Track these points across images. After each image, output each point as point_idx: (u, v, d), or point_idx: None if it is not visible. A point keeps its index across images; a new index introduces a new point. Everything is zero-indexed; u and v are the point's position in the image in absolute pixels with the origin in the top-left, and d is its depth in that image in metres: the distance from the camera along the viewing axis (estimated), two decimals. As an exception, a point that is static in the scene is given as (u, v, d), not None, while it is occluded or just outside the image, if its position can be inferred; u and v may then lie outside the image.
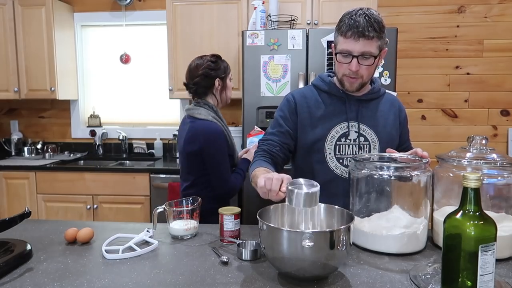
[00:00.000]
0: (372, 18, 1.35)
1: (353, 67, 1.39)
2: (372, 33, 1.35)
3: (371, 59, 1.39)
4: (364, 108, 1.53)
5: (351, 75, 1.43)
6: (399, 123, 1.60)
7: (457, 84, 3.29)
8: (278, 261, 1.03)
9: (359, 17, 1.35)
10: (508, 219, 1.22)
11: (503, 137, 3.31)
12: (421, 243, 1.26)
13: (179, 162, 2.02)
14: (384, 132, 1.54)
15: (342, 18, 1.40)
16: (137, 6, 3.52)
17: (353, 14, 1.37)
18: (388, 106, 1.58)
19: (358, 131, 1.51)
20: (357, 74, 1.42)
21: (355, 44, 1.36)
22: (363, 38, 1.35)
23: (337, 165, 1.51)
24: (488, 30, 3.22)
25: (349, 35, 1.36)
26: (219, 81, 1.92)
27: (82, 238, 1.34)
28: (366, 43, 1.36)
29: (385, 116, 1.56)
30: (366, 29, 1.34)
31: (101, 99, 3.73)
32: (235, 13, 3.00)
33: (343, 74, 1.44)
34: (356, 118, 1.51)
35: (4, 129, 3.77)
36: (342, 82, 1.47)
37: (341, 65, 1.43)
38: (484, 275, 0.86)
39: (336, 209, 1.19)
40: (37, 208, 3.06)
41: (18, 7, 3.22)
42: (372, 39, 1.36)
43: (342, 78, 1.46)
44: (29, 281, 1.07)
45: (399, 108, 1.62)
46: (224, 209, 1.38)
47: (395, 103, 1.62)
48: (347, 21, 1.37)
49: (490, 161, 1.22)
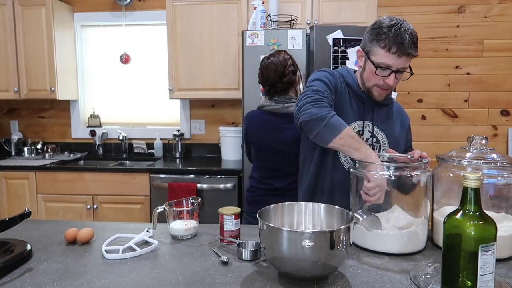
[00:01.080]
0: (414, 35, 1.34)
1: (391, 82, 1.39)
2: (414, 53, 1.35)
3: (404, 74, 1.40)
4: (379, 111, 1.54)
5: (383, 87, 1.42)
6: (404, 131, 1.64)
7: (457, 84, 3.29)
8: (278, 261, 1.03)
9: (404, 33, 1.32)
10: (508, 219, 1.22)
11: (503, 137, 3.31)
12: (421, 243, 1.26)
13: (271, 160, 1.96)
14: (392, 137, 1.56)
15: (382, 29, 1.34)
16: (137, 6, 3.52)
17: (396, 28, 1.32)
18: (396, 113, 1.62)
19: (372, 132, 1.52)
20: (389, 87, 1.42)
21: (397, 60, 1.35)
22: (406, 56, 1.34)
23: (347, 160, 1.51)
24: (488, 30, 3.22)
25: (394, 51, 1.33)
26: (298, 75, 1.97)
27: (82, 238, 1.34)
28: (407, 60, 1.36)
29: (394, 122, 1.59)
30: (411, 48, 1.33)
31: (101, 99, 3.72)
32: (235, 13, 3.00)
33: (375, 84, 1.43)
34: (371, 119, 1.52)
35: (4, 129, 3.76)
36: (371, 91, 1.46)
37: (375, 76, 1.40)
38: (484, 275, 0.86)
39: (336, 209, 1.19)
40: (37, 208, 3.06)
41: (18, 7, 3.22)
42: (413, 57, 1.36)
43: (373, 87, 1.45)
44: (29, 281, 1.07)
45: (404, 116, 1.67)
46: (224, 209, 1.37)
47: (401, 111, 1.66)
48: (392, 36, 1.32)
49: (490, 161, 1.22)
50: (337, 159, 1.52)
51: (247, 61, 2.61)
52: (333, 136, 1.31)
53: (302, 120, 1.35)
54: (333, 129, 1.31)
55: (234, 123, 3.50)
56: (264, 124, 1.95)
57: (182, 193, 2.72)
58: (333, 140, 1.31)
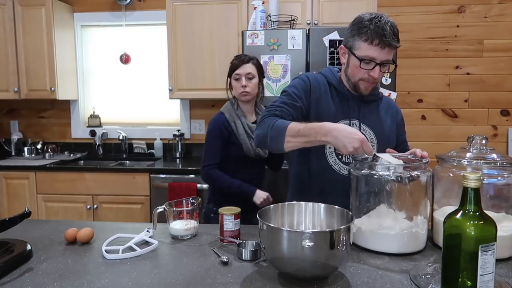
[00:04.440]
0: (395, 27, 1.37)
1: (376, 74, 1.40)
2: (397, 43, 1.37)
3: (387, 66, 1.41)
4: (365, 108, 1.54)
5: (369, 81, 1.43)
6: (396, 126, 1.62)
7: (457, 84, 3.29)
8: (278, 261, 1.03)
9: (385, 25, 1.34)
10: (508, 219, 1.22)
11: (503, 137, 3.31)
12: (421, 243, 1.26)
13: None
14: (382, 134, 1.55)
15: (363, 23, 1.37)
16: (137, 6, 3.52)
17: (376, 21, 1.35)
18: (385, 109, 1.60)
19: (359, 129, 1.51)
20: (375, 80, 1.43)
21: (380, 52, 1.36)
22: (388, 47, 1.36)
23: (335, 160, 1.52)
24: (488, 30, 3.22)
25: (376, 43, 1.35)
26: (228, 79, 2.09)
27: (82, 238, 1.34)
28: (390, 52, 1.38)
29: (383, 118, 1.58)
30: (393, 39, 1.35)
31: (101, 99, 3.72)
32: (235, 13, 3.00)
33: (361, 78, 1.44)
34: (357, 117, 1.52)
35: (4, 129, 3.76)
36: (357, 85, 1.47)
37: (360, 70, 1.42)
38: (484, 275, 0.86)
39: (336, 209, 1.19)
40: (37, 208, 3.06)
41: (18, 7, 3.22)
42: (395, 49, 1.39)
43: (358, 82, 1.46)
44: (29, 281, 1.07)
45: (395, 110, 1.65)
46: (224, 209, 1.37)
47: (392, 105, 1.65)
48: (374, 28, 1.34)
49: (490, 161, 1.22)
50: (324, 160, 1.51)
51: (247, 61, 2.60)
52: (281, 139, 1.34)
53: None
54: (278, 133, 1.35)
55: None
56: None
57: (182, 193, 2.72)
58: (285, 142, 1.34)
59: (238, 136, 2.01)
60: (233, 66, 2.05)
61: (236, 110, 2.06)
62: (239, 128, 2.02)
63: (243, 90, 2.00)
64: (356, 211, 1.30)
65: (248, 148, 2.01)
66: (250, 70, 2.01)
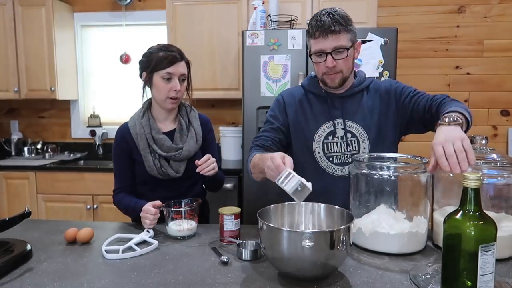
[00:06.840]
0: (336, 14, 1.41)
1: (329, 64, 1.43)
2: (338, 27, 1.39)
3: (344, 52, 1.42)
4: (348, 104, 1.54)
5: (330, 72, 1.46)
6: (395, 106, 1.52)
7: (457, 84, 3.29)
8: (278, 261, 1.03)
9: (323, 16, 1.41)
10: (508, 219, 1.22)
11: (503, 137, 3.31)
12: (421, 243, 1.26)
13: None
14: (372, 125, 1.51)
15: (309, 22, 1.46)
16: (137, 6, 3.52)
17: (317, 15, 1.43)
18: (373, 94, 1.54)
19: (344, 128, 1.52)
20: (335, 69, 1.45)
21: (324, 42, 1.41)
22: (331, 34, 1.40)
23: (328, 164, 1.53)
24: (488, 30, 3.22)
25: (318, 34, 1.41)
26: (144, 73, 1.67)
27: (82, 238, 1.34)
28: (335, 38, 1.40)
29: (372, 107, 1.52)
30: (332, 25, 1.39)
31: (101, 99, 3.72)
32: (235, 13, 3.00)
33: (323, 73, 1.48)
34: (341, 115, 1.53)
35: (4, 129, 3.76)
36: (324, 81, 1.51)
37: (318, 65, 1.47)
38: (484, 275, 0.86)
39: (336, 209, 1.19)
40: (37, 208, 3.06)
41: (18, 7, 3.22)
42: (340, 33, 1.40)
43: (323, 77, 1.49)
44: (29, 281, 1.07)
45: (386, 90, 1.54)
46: (224, 209, 1.38)
47: (381, 88, 1.55)
48: (314, 22, 1.42)
49: (490, 161, 1.22)
50: (317, 165, 1.53)
51: (247, 61, 2.60)
52: (251, 172, 1.47)
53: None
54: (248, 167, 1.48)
55: (234, 123, 3.49)
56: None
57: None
58: (254, 176, 1.47)
59: (139, 151, 1.63)
60: (161, 60, 1.58)
61: (143, 118, 1.69)
62: (141, 142, 1.63)
63: (175, 95, 1.61)
64: (356, 211, 1.30)
65: (151, 166, 1.60)
66: (184, 70, 1.62)
